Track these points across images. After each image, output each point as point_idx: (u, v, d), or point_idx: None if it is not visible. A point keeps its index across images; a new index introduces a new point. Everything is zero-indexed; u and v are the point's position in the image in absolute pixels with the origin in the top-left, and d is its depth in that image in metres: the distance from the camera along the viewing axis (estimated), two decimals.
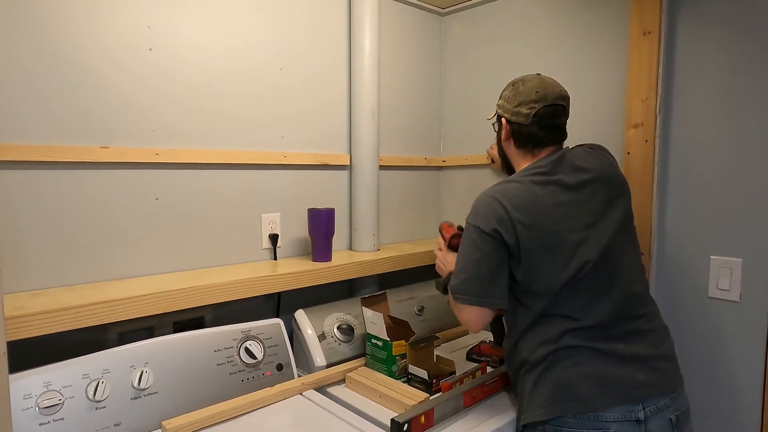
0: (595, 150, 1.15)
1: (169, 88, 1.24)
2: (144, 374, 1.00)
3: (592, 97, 1.47)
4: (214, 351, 1.12)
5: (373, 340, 1.27)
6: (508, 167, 1.25)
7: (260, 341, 1.18)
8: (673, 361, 1.02)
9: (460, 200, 1.87)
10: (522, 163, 1.17)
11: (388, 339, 1.23)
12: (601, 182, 1.07)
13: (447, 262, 1.23)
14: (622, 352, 0.98)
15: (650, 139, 1.32)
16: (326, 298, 1.50)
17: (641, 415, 0.95)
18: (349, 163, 1.61)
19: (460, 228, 1.24)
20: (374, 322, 1.26)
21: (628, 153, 1.36)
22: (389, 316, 1.35)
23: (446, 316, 1.60)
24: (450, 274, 1.14)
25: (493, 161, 1.66)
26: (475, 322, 1.08)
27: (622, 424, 0.95)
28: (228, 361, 1.13)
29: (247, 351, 1.15)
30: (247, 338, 1.17)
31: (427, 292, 1.61)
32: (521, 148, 1.17)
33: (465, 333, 1.60)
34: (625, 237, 1.07)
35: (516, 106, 1.16)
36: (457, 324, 1.62)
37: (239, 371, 1.13)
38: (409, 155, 1.81)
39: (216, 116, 1.32)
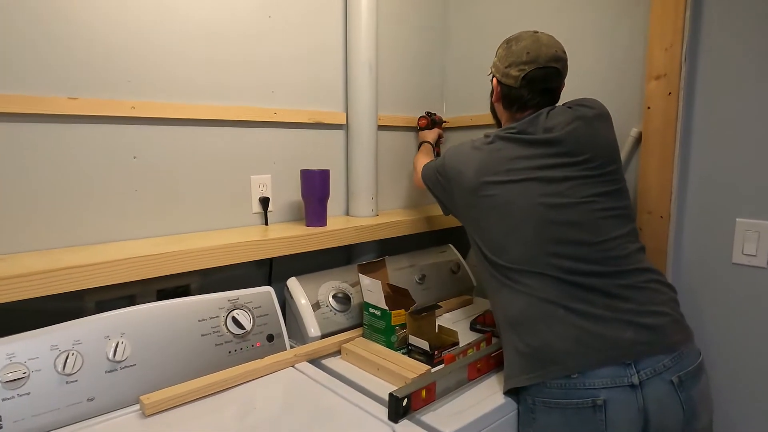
0: (575, 107, 1.05)
1: (148, 36, 1.12)
2: (120, 345, 0.92)
3: (608, 46, 1.34)
4: (199, 321, 1.03)
5: (371, 309, 1.18)
6: (499, 128, 1.18)
7: (249, 310, 1.10)
8: (669, 316, 0.93)
9: None
10: (505, 125, 1.14)
11: (387, 308, 1.15)
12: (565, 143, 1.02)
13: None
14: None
15: (674, 92, 1.20)
16: (321, 266, 1.41)
17: (635, 379, 0.87)
18: (345, 122, 1.50)
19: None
20: (371, 290, 1.18)
21: (648, 108, 1.25)
22: (388, 284, 1.27)
23: (449, 284, 1.52)
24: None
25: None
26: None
27: (612, 390, 0.87)
28: (214, 332, 1.04)
29: (235, 321, 1.07)
30: (235, 307, 1.09)
31: (428, 259, 1.53)
32: (507, 109, 1.15)
33: (469, 302, 1.51)
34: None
35: (506, 67, 1.11)
36: (461, 293, 1.54)
37: (226, 342, 1.05)
38: (410, 115, 1.69)
39: (199, 68, 1.21)
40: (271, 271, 1.37)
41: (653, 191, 1.25)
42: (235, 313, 1.08)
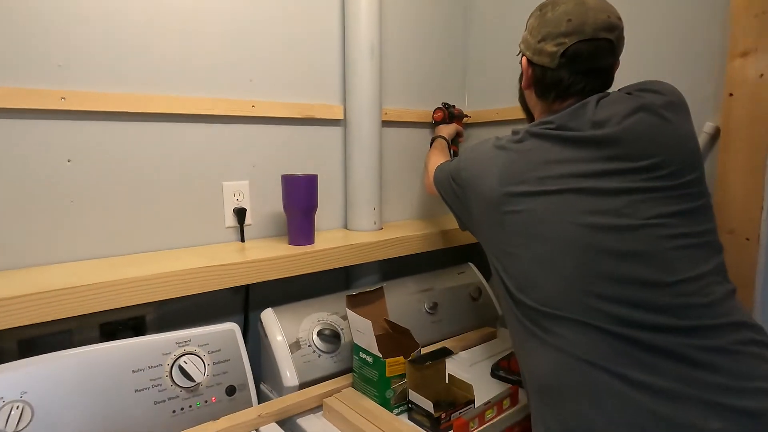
0: (637, 94, 0.77)
1: (85, 6, 0.90)
2: (15, 411, 0.69)
3: (674, 13, 1.05)
4: (133, 371, 0.80)
5: (362, 354, 0.93)
6: (531, 121, 0.91)
7: (202, 356, 0.86)
8: None
9: None
10: (539, 118, 0.88)
11: (380, 355, 0.89)
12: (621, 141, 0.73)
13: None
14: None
15: (767, 73, 0.90)
16: (311, 289, 1.17)
17: None
18: (342, 117, 1.24)
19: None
20: (361, 331, 0.92)
21: (731, 95, 0.95)
22: (387, 320, 1.01)
23: (468, 314, 1.25)
24: None
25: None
26: None
27: None
28: (154, 386, 0.81)
29: (182, 370, 0.83)
30: (184, 352, 0.85)
31: (443, 282, 1.26)
32: (541, 98, 0.87)
33: (492, 336, 1.24)
34: None
35: (540, 41, 0.83)
36: (482, 324, 1.26)
37: (170, 399, 0.82)
38: (422, 108, 1.42)
39: (153, 48, 0.98)
40: (248, 297, 1.13)
41: (736, 204, 0.95)
42: (183, 360, 0.84)
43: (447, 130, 1.34)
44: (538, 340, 0.74)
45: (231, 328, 0.92)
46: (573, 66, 0.80)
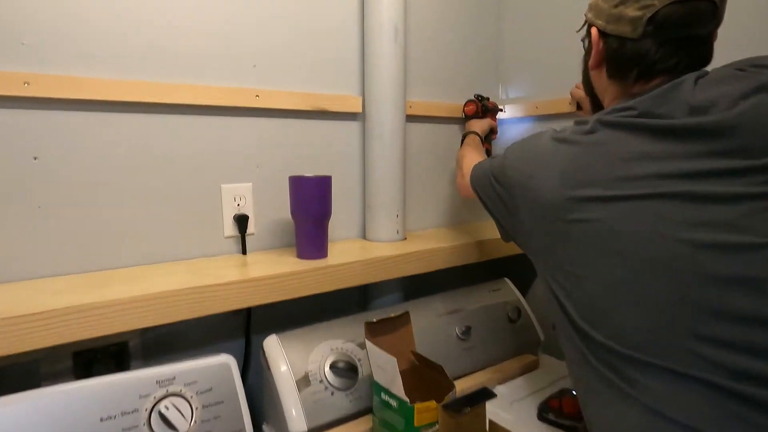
0: (752, 71, 0.59)
1: None
2: None
3: None
4: (101, 420, 0.64)
5: (384, 396, 0.76)
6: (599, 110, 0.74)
7: (189, 398, 0.70)
8: None
9: None
10: (612, 104, 0.70)
11: (407, 399, 0.72)
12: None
13: None
14: None
15: None
16: (320, 308, 1.01)
17: None
18: (361, 110, 1.08)
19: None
20: (383, 367, 0.75)
21: None
22: (414, 352, 0.84)
23: (505, 340, 1.07)
24: None
25: (579, 107, 1.10)
26: None
27: None
28: None
29: (163, 418, 0.67)
30: (167, 394, 0.69)
31: (476, 301, 1.09)
32: (617, 77, 0.69)
33: (533, 366, 1.06)
34: None
35: (617, 5, 0.66)
36: (521, 350, 1.09)
37: None
38: (450, 101, 1.25)
39: (135, 23, 0.82)
40: (250, 320, 0.97)
41: None
42: (165, 404, 0.68)
43: (480, 125, 1.17)
44: (616, 391, 0.56)
45: (225, 361, 0.76)
46: (662, 35, 0.62)
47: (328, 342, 0.87)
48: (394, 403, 0.74)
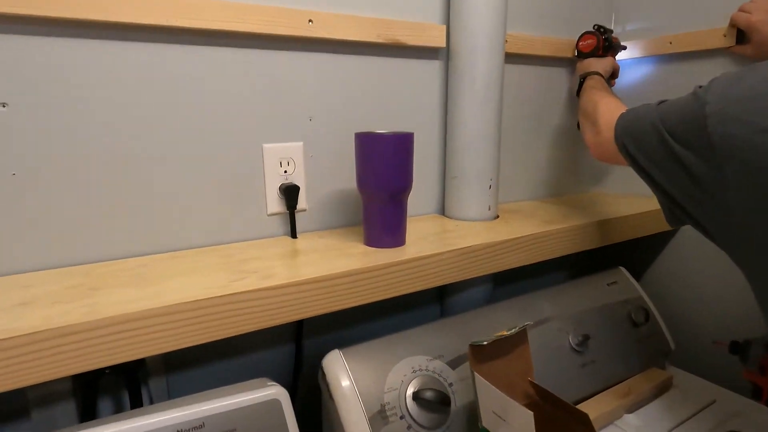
0: None
1: None
2: None
3: None
4: None
5: None
6: None
7: None
8: None
9: None
10: None
11: None
12: None
13: None
14: None
15: None
16: (385, 311, 0.78)
17: None
18: (444, 45, 0.81)
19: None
20: (499, 413, 0.52)
21: None
22: (534, 384, 0.60)
23: (627, 352, 0.82)
24: None
25: (742, 37, 0.81)
26: None
27: None
28: None
29: None
30: None
31: (590, 300, 0.83)
32: None
33: (666, 385, 0.80)
34: None
35: None
36: (648, 364, 0.83)
37: None
38: (563, 35, 0.96)
39: None
40: (301, 332, 0.75)
41: None
42: None
43: (601, 64, 0.88)
44: None
45: (274, 397, 0.53)
46: None
47: (407, 360, 0.64)
48: None
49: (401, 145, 0.64)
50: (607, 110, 0.66)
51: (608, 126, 0.63)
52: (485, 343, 0.55)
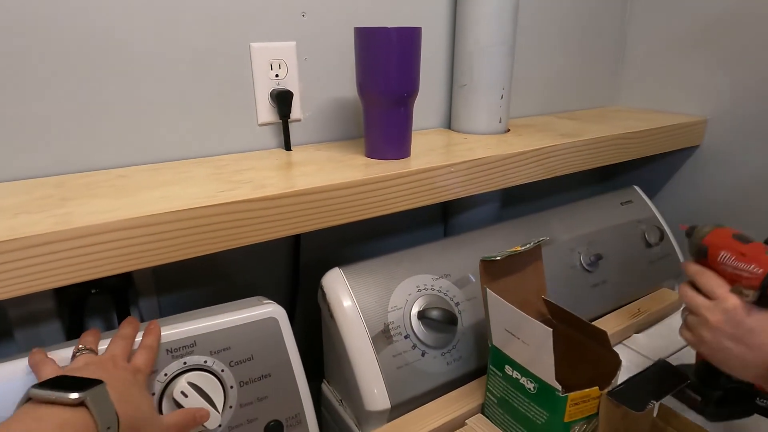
0: None
1: None
2: None
3: None
4: None
5: (513, 372, 0.50)
6: None
7: (218, 373, 0.46)
8: None
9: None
10: None
11: (558, 387, 0.46)
12: None
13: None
14: None
15: None
16: (387, 228, 0.74)
17: None
18: None
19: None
20: (511, 331, 0.48)
21: None
22: (548, 302, 0.56)
23: (640, 273, 0.79)
24: None
25: None
26: None
27: None
28: None
29: (180, 407, 0.43)
30: (185, 368, 0.44)
31: (602, 219, 0.79)
32: None
33: (676, 306, 0.78)
34: None
35: None
36: (657, 283, 0.81)
37: None
38: None
39: None
40: (298, 249, 0.71)
41: None
42: (184, 384, 0.43)
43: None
44: None
45: (270, 315, 0.50)
46: None
47: (412, 279, 0.61)
48: (531, 386, 0.48)
49: (408, 40, 0.56)
50: None
51: None
52: (498, 258, 0.51)
